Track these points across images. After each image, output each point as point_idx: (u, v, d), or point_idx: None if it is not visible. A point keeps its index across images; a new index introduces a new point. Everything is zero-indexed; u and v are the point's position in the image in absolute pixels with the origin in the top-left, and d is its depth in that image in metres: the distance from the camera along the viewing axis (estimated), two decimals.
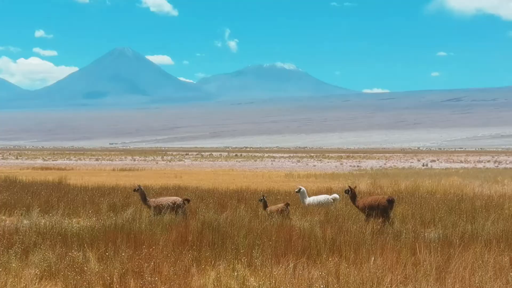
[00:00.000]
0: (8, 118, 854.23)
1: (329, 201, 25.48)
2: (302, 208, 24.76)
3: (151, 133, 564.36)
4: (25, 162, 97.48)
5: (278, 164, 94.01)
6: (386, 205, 21.41)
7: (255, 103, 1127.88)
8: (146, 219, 20.53)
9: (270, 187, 36.76)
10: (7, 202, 26.98)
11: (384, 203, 21.42)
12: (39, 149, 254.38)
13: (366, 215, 21.42)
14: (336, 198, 25.78)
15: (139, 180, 46.93)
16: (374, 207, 21.42)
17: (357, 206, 22.38)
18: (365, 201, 22.26)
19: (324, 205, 25.07)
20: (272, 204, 24.06)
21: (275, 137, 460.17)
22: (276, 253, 15.56)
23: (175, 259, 14.73)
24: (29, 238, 17.11)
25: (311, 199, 25.75)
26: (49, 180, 43.24)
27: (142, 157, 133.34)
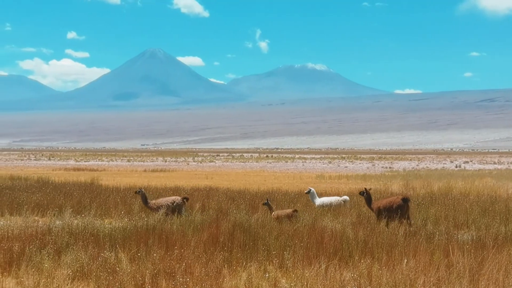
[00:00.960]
0: (40, 120, 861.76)
1: (339, 203, 25.50)
2: (334, 210, 24.64)
3: (182, 134, 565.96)
4: (57, 163, 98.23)
5: (309, 165, 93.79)
6: (402, 204, 21.29)
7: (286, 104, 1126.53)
8: (177, 220, 20.55)
9: (301, 188, 36.67)
10: (40, 203, 27.19)
11: (399, 203, 21.31)
12: (71, 150, 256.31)
13: (384, 217, 21.20)
14: (346, 200, 25.77)
15: (171, 181, 47.10)
16: (390, 208, 21.31)
17: (372, 209, 22.17)
18: (380, 203, 22.06)
19: (335, 206, 25.14)
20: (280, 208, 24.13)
21: (306, 138, 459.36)
22: (307, 254, 15.50)
23: (206, 260, 14.73)
24: (61, 238, 17.19)
25: (321, 200, 25.80)
26: (81, 181, 43.54)
27: (173, 158, 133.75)
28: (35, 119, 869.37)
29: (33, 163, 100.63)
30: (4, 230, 18.41)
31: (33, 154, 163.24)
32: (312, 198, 25.82)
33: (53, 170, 72.98)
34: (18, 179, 45.37)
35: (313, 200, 25.76)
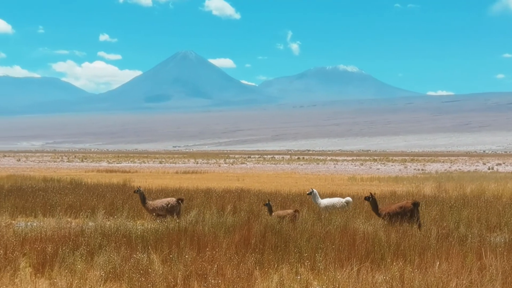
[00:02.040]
0: (73, 122, 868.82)
1: (342, 204, 25.42)
2: (366, 212, 24.53)
3: (214, 136, 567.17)
4: (90, 165, 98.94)
5: (341, 167, 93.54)
6: (413, 209, 21.21)
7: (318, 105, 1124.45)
8: (209, 222, 20.59)
9: (332, 190, 36.59)
10: (73, 205, 27.41)
11: (410, 208, 21.23)
12: (103, 152, 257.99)
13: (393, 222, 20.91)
14: (349, 202, 25.63)
15: (202, 183, 47.24)
16: (400, 213, 21.18)
17: (380, 214, 21.86)
18: (389, 209, 21.86)
19: (338, 207, 25.08)
20: None
21: (337, 140, 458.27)
22: (339, 257, 15.46)
23: (238, 262, 14.74)
24: (94, 240, 17.29)
25: (325, 201, 25.77)
26: (113, 182, 43.81)
27: (204, 160, 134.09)
28: (68, 121, 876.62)
29: (66, 164, 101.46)
30: (38, 231, 18.55)
31: (66, 156, 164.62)
32: (315, 199, 25.75)
33: (86, 171, 73.52)
34: (51, 180, 45.76)
35: (316, 201, 25.68)
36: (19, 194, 31.05)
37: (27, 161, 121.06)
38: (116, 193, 32.48)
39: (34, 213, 26.44)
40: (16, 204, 27.75)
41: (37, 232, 18.43)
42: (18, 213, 26.61)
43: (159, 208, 23.56)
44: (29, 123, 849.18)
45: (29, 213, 26.72)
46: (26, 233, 18.37)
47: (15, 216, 26.12)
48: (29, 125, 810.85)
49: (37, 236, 17.78)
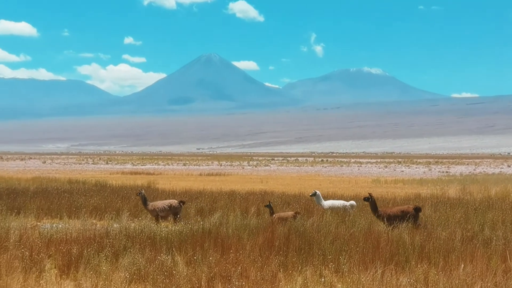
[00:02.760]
0: (98, 124, 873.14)
1: (346, 207, 25.47)
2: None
3: (237, 138, 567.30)
4: (115, 167, 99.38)
5: (364, 169, 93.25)
6: (414, 213, 21.38)
7: (341, 108, 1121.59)
8: (233, 224, 20.61)
9: (356, 193, 36.49)
10: (97, 206, 27.56)
11: (411, 212, 21.38)
12: (128, 154, 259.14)
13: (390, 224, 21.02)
14: (354, 205, 25.63)
15: (226, 185, 47.30)
16: (400, 217, 21.31)
17: (379, 215, 21.94)
18: (390, 210, 22.04)
19: (341, 210, 25.15)
20: None
21: (361, 142, 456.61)
22: (363, 259, 15.44)
23: (262, 264, 14.76)
24: (119, 241, 17.38)
25: (329, 202, 25.89)
26: (138, 184, 44.02)
27: (228, 162, 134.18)
28: (93, 124, 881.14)
29: (91, 167, 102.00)
30: (63, 233, 18.68)
31: (91, 158, 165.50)
32: (318, 201, 25.87)
33: (111, 173, 73.88)
34: (76, 182, 46.05)
35: (320, 203, 25.81)
36: (45, 196, 31.28)
37: (52, 163, 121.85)
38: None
39: (59, 215, 26.62)
40: (42, 206, 27.95)
41: (62, 233, 18.57)
42: (43, 215, 26.79)
43: (160, 209, 23.85)
44: (55, 126, 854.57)
45: (54, 215, 26.90)
46: (51, 234, 18.51)
47: (41, 218, 26.31)
48: (55, 127, 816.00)
49: (62, 237, 17.91)
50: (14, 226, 20.23)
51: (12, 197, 30.92)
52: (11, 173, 71.15)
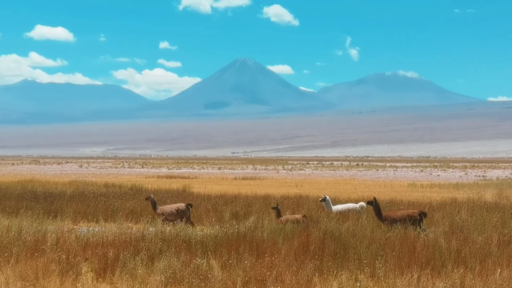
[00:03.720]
0: (134, 128, 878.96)
1: (356, 209, 25.75)
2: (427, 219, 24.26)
3: (272, 142, 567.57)
4: (150, 171, 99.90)
5: (400, 173, 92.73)
6: (419, 218, 21.46)
7: (377, 111, 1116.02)
8: (268, 228, 20.60)
9: (392, 197, 36.30)
10: (133, 210, 27.73)
11: (416, 217, 21.45)
12: (163, 158, 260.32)
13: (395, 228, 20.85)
14: (363, 206, 25.75)
15: (261, 189, 47.29)
16: (405, 220, 21.35)
17: (383, 218, 22.04)
18: (394, 215, 22.09)
19: (352, 212, 25.38)
20: None
21: (397, 146, 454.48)
22: (399, 264, 15.37)
23: (297, 268, 14.74)
24: (154, 245, 17.46)
25: (338, 207, 26.12)
26: (173, 188, 44.18)
27: (263, 166, 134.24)
28: (129, 128, 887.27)
29: (127, 170, 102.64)
30: (99, 236, 18.80)
31: (127, 162, 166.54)
32: (327, 206, 26.06)
33: (146, 177, 74.29)
34: (113, 186, 46.35)
35: (328, 208, 26.00)
36: (81, 200, 31.54)
37: (89, 167, 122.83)
38: (176, 198, 32.75)
39: (95, 219, 26.81)
40: (78, 209, 28.18)
41: (98, 237, 18.68)
42: (80, 219, 27.02)
43: (168, 213, 24.17)
44: (91, 130, 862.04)
45: (91, 219, 27.10)
46: (88, 238, 18.63)
47: (77, 221, 26.53)
48: (91, 131, 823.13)
49: (98, 241, 18.02)
50: (51, 230, 20.40)
51: (49, 200, 31.22)
52: (48, 177, 71.84)
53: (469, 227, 21.79)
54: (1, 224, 21.42)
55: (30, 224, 21.91)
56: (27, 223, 22.09)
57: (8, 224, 21.57)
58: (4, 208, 27.97)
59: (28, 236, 18.71)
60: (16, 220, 23.55)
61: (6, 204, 29.16)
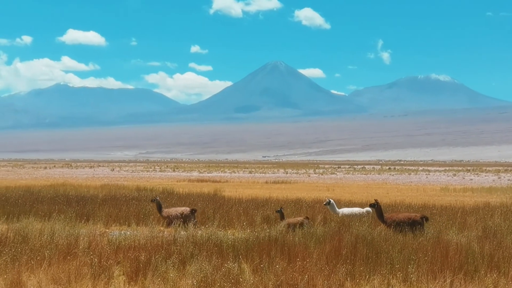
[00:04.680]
0: (165, 132, 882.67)
1: (362, 213, 25.81)
2: (459, 224, 24.10)
3: (303, 146, 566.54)
4: (181, 175, 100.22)
5: (433, 177, 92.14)
6: (420, 222, 21.70)
7: (409, 115, 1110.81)
8: (299, 232, 20.55)
9: (424, 201, 36.10)
10: None
11: (418, 220, 21.70)
12: (194, 162, 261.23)
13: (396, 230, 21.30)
14: (370, 211, 25.63)
15: (292, 193, 47.25)
16: (407, 224, 21.55)
17: (385, 222, 22.25)
18: (396, 217, 22.26)
19: (358, 216, 25.43)
20: None
21: (429, 150, 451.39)
22: (432, 268, 15.29)
23: (329, 273, 14.68)
24: (186, 248, 17.50)
25: (345, 210, 26.21)
26: (204, 192, 44.25)
27: (294, 170, 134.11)
28: (160, 132, 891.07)
29: (158, 174, 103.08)
30: (131, 240, 18.89)
31: (158, 166, 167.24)
32: (333, 210, 26.08)
33: (178, 181, 74.55)
34: (144, 190, 46.56)
35: (334, 211, 26.05)
36: (113, 203, 31.70)
37: (120, 170, 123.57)
38: (207, 202, 32.83)
39: (127, 222, 26.94)
40: (110, 213, 28.32)
41: (130, 240, 18.77)
42: (112, 222, 27.15)
43: (173, 216, 24.73)
44: (123, 134, 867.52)
45: (122, 222, 27.24)
46: (120, 241, 18.72)
47: (109, 225, 26.67)
48: (123, 135, 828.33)
49: (130, 244, 18.10)
50: (83, 233, 20.55)
51: (81, 204, 31.42)
52: (80, 180, 72.39)
53: (502, 232, 21.64)
54: (34, 227, 21.62)
55: (63, 227, 22.07)
56: (59, 226, 22.26)
57: (40, 227, 21.77)
58: (37, 211, 28.21)
59: (60, 240, 18.85)
60: (49, 223, 23.75)
61: (38, 208, 29.39)
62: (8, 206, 30.41)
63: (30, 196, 36.82)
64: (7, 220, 26.08)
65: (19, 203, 31.91)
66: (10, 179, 75.45)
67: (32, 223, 23.27)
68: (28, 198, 34.71)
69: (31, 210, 28.71)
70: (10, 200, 33.51)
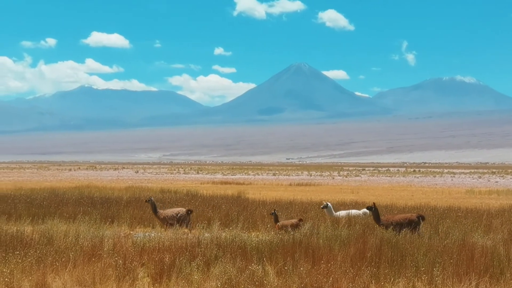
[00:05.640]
0: (189, 134, 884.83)
1: (360, 215, 25.98)
2: (485, 226, 23.91)
3: (327, 148, 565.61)
4: (205, 177, 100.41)
5: (458, 180, 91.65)
6: (417, 221, 21.78)
7: (433, 117, 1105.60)
8: (323, 234, 20.51)
9: (450, 204, 35.91)
10: None
11: (414, 220, 21.78)
12: (218, 164, 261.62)
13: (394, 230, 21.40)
14: (366, 213, 25.74)
15: (316, 195, 47.17)
16: (403, 224, 21.71)
17: (382, 224, 22.26)
18: (392, 219, 22.46)
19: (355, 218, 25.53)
20: None
21: (454, 152, 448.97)
22: (457, 271, 15.21)
23: (353, 275, 14.64)
24: (210, 250, 17.50)
25: (342, 213, 26.35)
26: (228, 194, 44.32)
27: (318, 172, 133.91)
28: (184, 134, 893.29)
29: (182, 176, 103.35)
30: (156, 241, 18.92)
31: (182, 168, 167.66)
32: (330, 213, 26.25)
33: (201, 183, 74.70)
34: (168, 192, 46.71)
35: (332, 215, 26.16)
36: (138, 205, 31.80)
37: (144, 173, 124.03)
38: (231, 204, 32.83)
39: (152, 224, 27.02)
40: (135, 215, 28.43)
41: (155, 242, 18.81)
42: (136, 224, 27.26)
43: (169, 217, 24.71)
44: (147, 136, 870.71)
45: (147, 224, 27.33)
46: (144, 243, 18.77)
47: (134, 226, 26.77)
48: (147, 137, 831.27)
49: (155, 246, 18.14)
50: (108, 235, 20.63)
51: (106, 206, 31.56)
52: (105, 182, 72.74)
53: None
54: (59, 229, 21.74)
55: (87, 229, 22.19)
56: (84, 228, 22.39)
57: (65, 229, 21.89)
58: (62, 213, 28.37)
59: (85, 241, 18.93)
60: (74, 225, 23.89)
61: (63, 210, 29.57)
62: (33, 208, 30.60)
63: (55, 198, 37.04)
64: (32, 222, 26.26)
65: (44, 205, 32.09)
66: (35, 181, 76.01)
67: (57, 225, 23.40)
68: (53, 200, 34.91)
69: (56, 212, 28.87)
70: (35, 202, 33.71)
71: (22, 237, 19.28)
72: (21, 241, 18.69)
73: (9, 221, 26.43)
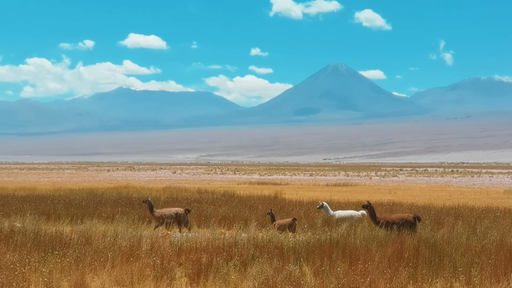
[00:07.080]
0: (226, 135, 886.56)
1: (357, 216, 26.02)
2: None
3: (364, 148, 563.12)
4: (242, 177, 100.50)
5: (496, 180, 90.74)
6: (413, 222, 21.77)
7: (472, 117, 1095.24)
8: (361, 235, 20.46)
9: (488, 204, 35.60)
10: (226, 216, 27.93)
11: (411, 221, 21.78)
12: (255, 165, 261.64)
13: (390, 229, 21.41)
14: (364, 214, 25.71)
15: (353, 195, 47.03)
16: (400, 224, 21.64)
17: (377, 222, 22.26)
18: (389, 217, 22.46)
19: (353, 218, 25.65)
20: None
21: (493, 153, 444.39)
22: (495, 272, 15.11)
23: (391, 276, 14.60)
24: (247, 251, 17.53)
25: (340, 213, 26.37)
26: (265, 194, 44.37)
27: (355, 172, 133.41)
28: (221, 134, 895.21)
29: (219, 177, 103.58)
30: (193, 242, 19.01)
31: (219, 168, 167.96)
32: (326, 212, 26.22)
33: (238, 184, 74.82)
34: (205, 192, 46.89)
35: (328, 214, 26.15)
36: (175, 206, 31.94)
37: (182, 173, 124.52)
38: (268, 205, 32.87)
39: (189, 224, 27.14)
40: None
41: (192, 242, 18.90)
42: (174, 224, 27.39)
43: (167, 216, 24.86)
44: (184, 137, 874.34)
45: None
46: (181, 243, 18.87)
47: (171, 227, 26.90)
48: (184, 138, 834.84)
49: (192, 246, 18.24)
50: (145, 235, 20.78)
51: (144, 206, 31.76)
52: (142, 183, 73.21)
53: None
54: (97, 229, 21.93)
55: (125, 229, 22.35)
56: (122, 228, 22.55)
57: (104, 229, 22.08)
58: (100, 213, 28.61)
59: (123, 241, 19.08)
60: (112, 225, 24.09)
61: (102, 210, 29.83)
62: (72, 208, 30.91)
63: (93, 198, 37.40)
64: (71, 222, 26.51)
65: (82, 205, 32.42)
66: (73, 182, 76.76)
67: (96, 225, 23.61)
68: (92, 201, 35.25)
69: (95, 212, 29.12)
70: (74, 202, 34.07)
71: (61, 237, 19.51)
72: (60, 241, 18.91)
73: (48, 222, 26.69)
